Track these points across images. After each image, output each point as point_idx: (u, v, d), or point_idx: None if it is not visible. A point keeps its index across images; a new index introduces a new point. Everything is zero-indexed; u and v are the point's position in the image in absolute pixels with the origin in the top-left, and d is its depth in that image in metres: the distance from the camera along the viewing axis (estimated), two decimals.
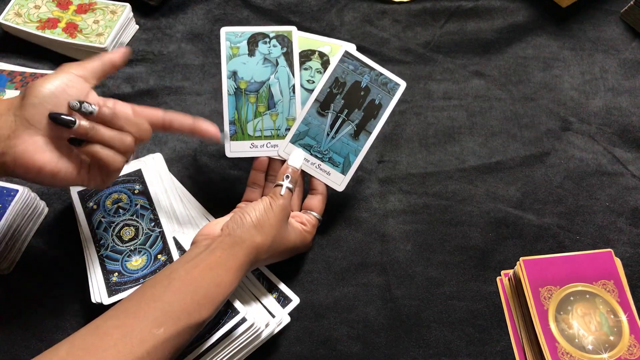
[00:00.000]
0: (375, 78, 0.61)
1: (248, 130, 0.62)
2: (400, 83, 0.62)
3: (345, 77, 0.61)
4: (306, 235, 0.59)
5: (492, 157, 0.70)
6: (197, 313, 0.47)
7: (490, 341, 0.59)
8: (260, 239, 0.52)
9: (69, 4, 0.79)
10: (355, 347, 0.58)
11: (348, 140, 0.61)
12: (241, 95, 0.62)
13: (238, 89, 0.62)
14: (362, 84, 0.61)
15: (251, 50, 0.62)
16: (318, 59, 0.63)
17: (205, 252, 0.50)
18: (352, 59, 0.62)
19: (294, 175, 0.58)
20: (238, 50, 0.62)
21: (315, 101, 0.61)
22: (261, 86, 0.62)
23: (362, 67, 0.62)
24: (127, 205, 0.62)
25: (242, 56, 0.62)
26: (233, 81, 0.62)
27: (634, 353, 0.54)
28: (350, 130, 0.61)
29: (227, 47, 0.62)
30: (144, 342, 0.43)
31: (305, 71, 0.63)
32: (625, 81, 0.76)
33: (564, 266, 0.59)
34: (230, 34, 0.62)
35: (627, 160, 0.70)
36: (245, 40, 0.62)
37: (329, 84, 0.61)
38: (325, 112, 0.61)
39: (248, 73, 0.62)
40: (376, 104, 0.61)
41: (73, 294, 0.61)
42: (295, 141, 0.61)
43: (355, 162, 0.61)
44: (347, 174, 0.61)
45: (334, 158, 0.61)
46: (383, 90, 0.61)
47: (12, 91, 0.71)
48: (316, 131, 0.61)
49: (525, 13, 0.82)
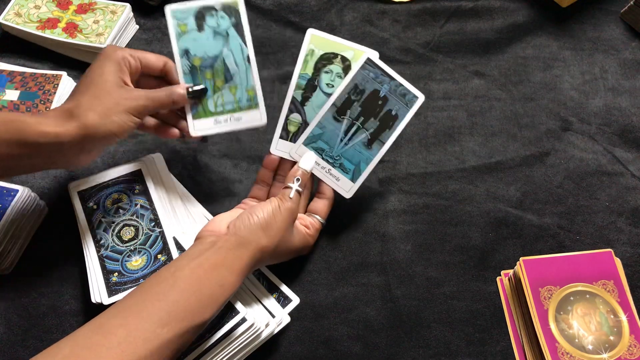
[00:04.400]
0: (395, 88, 0.60)
1: (209, 106, 0.61)
2: (419, 96, 0.61)
3: (364, 85, 0.61)
4: (309, 239, 0.59)
5: (492, 157, 0.70)
6: (200, 313, 0.47)
7: (490, 341, 0.59)
8: (265, 241, 0.52)
9: (69, 4, 0.79)
10: (355, 347, 0.58)
11: (361, 149, 0.61)
12: (197, 72, 0.60)
13: (192, 66, 0.60)
14: (381, 93, 0.60)
15: (199, 25, 0.60)
16: (340, 63, 0.62)
17: (210, 251, 0.50)
18: (374, 67, 0.61)
19: (304, 178, 0.57)
20: (186, 27, 0.60)
21: (333, 105, 0.61)
22: (215, 61, 0.61)
23: (382, 75, 0.61)
24: (127, 205, 0.62)
25: (192, 32, 0.60)
26: (186, 59, 0.60)
27: (634, 353, 0.54)
28: (364, 138, 0.61)
29: (174, 26, 0.60)
30: (147, 342, 0.43)
31: (326, 74, 0.62)
32: (625, 81, 0.76)
33: (564, 266, 0.59)
34: (175, 11, 0.60)
35: (627, 160, 0.70)
36: (192, 16, 0.61)
37: (348, 89, 0.61)
38: (341, 118, 0.61)
39: (200, 49, 0.60)
40: (392, 114, 0.60)
41: (73, 294, 0.61)
42: (308, 144, 0.61)
43: (365, 171, 0.61)
44: (356, 182, 0.61)
45: (345, 165, 0.61)
46: (401, 101, 0.60)
47: (12, 91, 0.71)
48: (330, 136, 0.61)
49: (525, 13, 0.82)
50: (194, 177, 0.69)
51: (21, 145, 0.50)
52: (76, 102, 0.52)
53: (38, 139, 0.50)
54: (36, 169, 0.55)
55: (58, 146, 0.51)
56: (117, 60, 0.55)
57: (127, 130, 0.54)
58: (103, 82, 0.53)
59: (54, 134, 0.50)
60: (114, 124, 0.53)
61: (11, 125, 0.50)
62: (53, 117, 0.51)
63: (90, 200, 0.62)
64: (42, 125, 0.50)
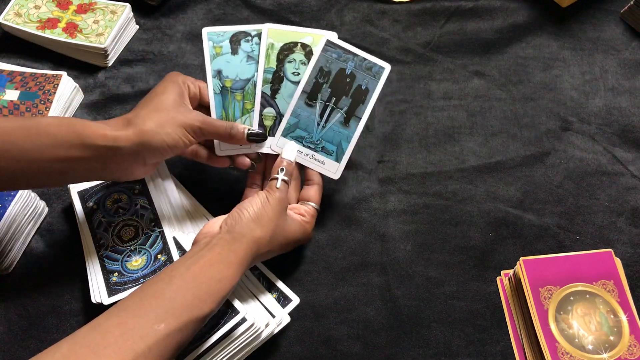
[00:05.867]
0: (360, 63, 0.62)
1: None
2: (384, 66, 0.62)
3: (329, 66, 0.62)
4: (306, 226, 0.59)
5: (492, 157, 0.70)
6: (198, 308, 0.47)
7: (490, 341, 0.59)
8: (259, 232, 0.52)
9: (69, 4, 0.79)
10: (355, 347, 0.58)
11: (339, 128, 0.61)
12: (227, 93, 0.62)
13: (224, 87, 0.62)
14: (347, 71, 0.62)
15: (234, 49, 0.62)
16: (301, 50, 0.63)
17: (205, 249, 0.50)
18: (335, 47, 0.62)
19: (288, 168, 0.58)
20: (221, 49, 0.62)
21: (303, 92, 0.61)
22: (246, 83, 0.62)
23: (345, 54, 0.62)
24: (127, 205, 0.62)
25: (226, 55, 0.62)
26: (218, 80, 0.62)
27: (634, 353, 0.54)
28: (340, 117, 0.61)
29: (210, 47, 0.62)
30: (144, 338, 0.44)
31: (290, 64, 0.62)
32: (625, 81, 0.76)
33: (564, 266, 0.59)
34: (212, 33, 0.63)
35: (627, 160, 0.70)
36: (227, 40, 0.62)
37: (314, 74, 0.62)
38: (313, 103, 0.61)
39: (232, 71, 0.62)
40: (363, 89, 0.62)
41: (73, 294, 0.61)
42: (287, 134, 0.62)
43: (348, 149, 0.61)
44: (341, 161, 0.62)
45: (326, 147, 0.61)
46: (368, 74, 0.61)
47: (12, 91, 0.71)
48: (306, 122, 0.61)
49: (525, 13, 0.82)
50: (194, 177, 0.69)
51: (80, 147, 0.51)
52: (135, 113, 0.55)
53: (97, 141, 0.52)
54: (91, 175, 0.56)
55: (115, 151, 0.52)
56: (178, 83, 0.58)
57: (180, 146, 0.56)
58: (163, 99, 0.56)
59: (112, 137, 0.52)
60: (169, 136, 0.54)
61: (72, 128, 0.51)
62: (112, 124, 0.54)
63: (90, 200, 0.62)
64: (101, 128, 0.52)
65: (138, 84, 0.77)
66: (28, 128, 0.50)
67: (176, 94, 0.57)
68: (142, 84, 0.77)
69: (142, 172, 0.58)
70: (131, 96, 0.76)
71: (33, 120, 0.52)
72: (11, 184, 0.53)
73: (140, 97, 0.75)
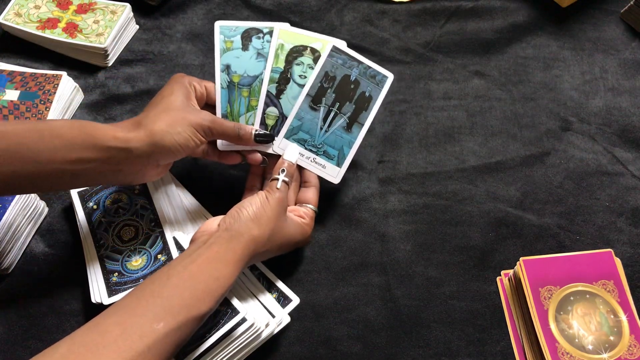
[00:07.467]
0: (364, 71, 0.62)
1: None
2: (388, 75, 0.63)
3: (334, 71, 0.62)
4: (306, 229, 0.59)
5: (492, 157, 0.70)
6: (196, 307, 0.47)
7: (490, 341, 0.59)
8: (257, 231, 0.52)
9: (69, 4, 0.79)
10: (355, 347, 0.58)
11: (341, 133, 0.62)
12: (234, 88, 0.62)
13: (231, 82, 0.62)
14: (352, 78, 0.62)
15: (245, 45, 0.62)
16: (310, 54, 0.63)
17: (202, 248, 0.50)
18: (341, 54, 0.62)
19: (289, 170, 0.58)
20: (232, 44, 0.62)
21: (307, 96, 0.62)
22: (254, 80, 0.62)
23: (350, 60, 0.62)
24: (127, 205, 0.62)
25: (236, 50, 0.62)
26: (226, 75, 0.62)
27: (634, 353, 0.54)
28: (342, 123, 0.62)
29: (221, 41, 0.62)
30: (143, 337, 0.44)
31: (298, 66, 0.63)
32: (625, 81, 0.76)
33: (564, 266, 0.59)
34: (224, 27, 0.63)
35: (627, 160, 0.70)
36: (239, 35, 0.63)
37: (319, 78, 0.62)
38: (317, 106, 0.62)
39: (241, 67, 0.62)
40: (366, 96, 0.62)
41: (73, 294, 0.61)
42: (290, 136, 0.62)
43: (349, 154, 0.62)
44: (342, 166, 0.62)
45: (328, 151, 0.62)
46: (372, 82, 0.62)
47: (12, 91, 0.71)
48: (309, 125, 0.62)
49: (525, 13, 0.82)
50: (194, 177, 0.69)
51: (92, 149, 0.51)
52: (144, 115, 0.55)
53: (108, 143, 0.52)
54: (102, 179, 0.56)
55: (127, 152, 0.53)
56: (185, 84, 0.59)
57: (191, 146, 0.56)
58: (172, 100, 0.56)
59: (124, 139, 0.52)
60: (180, 135, 0.55)
61: (83, 130, 0.51)
62: (123, 126, 0.54)
63: (90, 200, 0.62)
64: (112, 130, 0.53)
65: (138, 84, 0.77)
66: (40, 130, 0.50)
67: (183, 95, 0.57)
68: (142, 84, 0.77)
69: (155, 174, 0.58)
70: (131, 96, 0.76)
71: (44, 123, 0.52)
72: (23, 187, 0.53)
73: (140, 97, 0.76)
